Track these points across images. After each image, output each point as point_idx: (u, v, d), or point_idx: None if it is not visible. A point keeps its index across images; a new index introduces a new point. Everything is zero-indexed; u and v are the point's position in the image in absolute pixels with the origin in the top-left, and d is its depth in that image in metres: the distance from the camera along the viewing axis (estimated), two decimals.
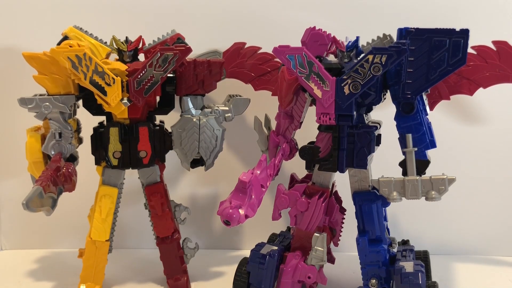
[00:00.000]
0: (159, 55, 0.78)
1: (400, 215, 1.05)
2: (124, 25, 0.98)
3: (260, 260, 0.81)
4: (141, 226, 1.02)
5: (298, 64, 0.73)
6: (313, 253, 0.80)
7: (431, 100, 0.81)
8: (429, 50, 0.72)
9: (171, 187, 0.99)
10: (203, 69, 0.83)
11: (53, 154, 0.82)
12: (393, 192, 0.77)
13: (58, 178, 0.78)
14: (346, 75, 0.72)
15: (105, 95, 0.79)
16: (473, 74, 0.80)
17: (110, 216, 0.87)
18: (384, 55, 0.70)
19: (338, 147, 0.78)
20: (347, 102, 0.73)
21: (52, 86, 0.81)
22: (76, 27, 0.85)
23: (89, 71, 0.77)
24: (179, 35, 0.87)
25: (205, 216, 1.10)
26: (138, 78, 0.80)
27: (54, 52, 0.77)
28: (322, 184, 0.82)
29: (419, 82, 0.74)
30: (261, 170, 0.74)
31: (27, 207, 0.73)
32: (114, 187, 0.87)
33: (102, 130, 0.84)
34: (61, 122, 0.82)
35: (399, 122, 0.77)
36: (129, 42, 0.84)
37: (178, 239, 0.90)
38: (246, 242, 1.11)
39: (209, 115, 0.85)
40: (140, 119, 0.84)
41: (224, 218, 0.69)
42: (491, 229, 1.06)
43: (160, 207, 0.88)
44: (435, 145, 0.77)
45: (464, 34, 0.71)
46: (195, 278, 0.95)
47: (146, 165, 0.86)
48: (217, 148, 0.86)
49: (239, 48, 0.90)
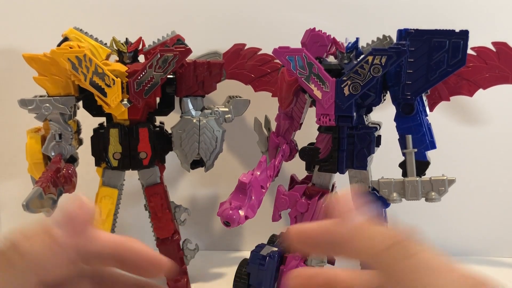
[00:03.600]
0: (159, 56, 0.78)
1: (400, 216, 1.05)
2: (124, 27, 0.98)
3: (260, 261, 0.81)
4: (141, 227, 1.02)
5: (298, 65, 0.73)
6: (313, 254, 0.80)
7: (431, 101, 0.81)
8: (429, 51, 0.72)
9: (171, 188, 0.98)
10: (203, 70, 0.83)
11: (53, 155, 0.82)
12: (393, 193, 0.77)
13: (58, 179, 0.78)
14: (346, 76, 0.72)
15: (105, 96, 0.79)
16: (472, 75, 0.80)
17: (110, 217, 0.87)
18: (384, 56, 0.70)
19: (338, 148, 0.78)
20: (347, 103, 0.73)
21: (52, 87, 0.81)
22: (76, 29, 0.85)
23: (89, 72, 0.77)
24: (179, 36, 0.87)
25: (205, 217, 1.10)
26: (138, 79, 0.80)
27: (54, 53, 0.77)
28: (322, 185, 0.82)
29: (419, 83, 0.74)
30: (261, 171, 0.74)
31: (27, 208, 0.73)
32: (114, 188, 0.87)
33: (102, 131, 0.84)
34: (61, 123, 0.82)
35: (399, 123, 0.77)
36: (129, 43, 0.84)
37: (178, 240, 0.90)
38: (246, 243, 1.10)
39: (209, 116, 0.85)
40: (140, 120, 0.84)
41: (224, 219, 0.69)
42: (491, 230, 1.06)
43: (160, 208, 0.88)
44: (435, 146, 0.77)
45: (464, 35, 0.71)
46: (195, 279, 0.95)
47: (146, 166, 0.86)
48: (217, 149, 0.86)
49: (239, 49, 0.90)
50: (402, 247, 0.32)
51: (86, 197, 0.35)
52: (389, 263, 0.32)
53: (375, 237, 0.33)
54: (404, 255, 0.32)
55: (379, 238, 0.32)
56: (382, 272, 0.32)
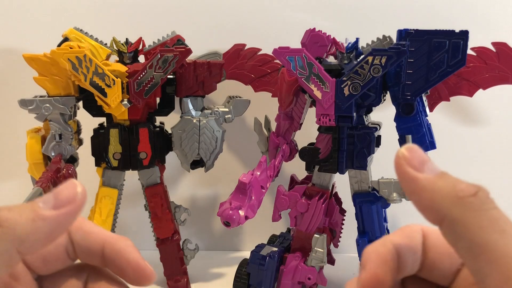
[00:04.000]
0: (159, 57, 0.79)
1: (400, 216, 1.05)
2: (124, 27, 0.98)
3: (260, 261, 0.81)
4: (141, 227, 1.02)
5: (298, 66, 0.73)
6: (313, 254, 0.80)
7: (431, 101, 0.81)
8: (429, 51, 0.72)
9: (171, 189, 0.99)
10: (203, 71, 0.84)
11: (53, 155, 0.82)
12: (393, 193, 0.77)
13: (58, 179, 0.78)
14: (346, 77, 0.72)
15: (105, 96, 0.79)
16: (472, 75, 0.80)
17: (110, 217, 0.87)
18: (384, 56, 0.70)
19: (338, 148, 0.78)
20: (347, 103, 0.73)
21: (52, 88, 0.81)
22: (76, 29, 0.85)
23: (89, 73, 0.77)
24: (179, 37, 0.87)
25: (205, 217, 1.10)
26: (138, 80, 0.80)
27: (54, 53, 0.77)
28: (322, 185, 0.82)
29: (419, 84, 0.74)
30: (261, 171, 0.74)
31: None
32: (114, 188, 0.87)
33: (102, 131, 0.84)
34: (61, 123, 0.82)
35: (399, 123, 0.77)
36: (129, 43, 0.84)
37: (178, 240, 0.90)
38: (246, 244, 1.11)
39: (209, 117, 0.85)
40: (140, 120, 0.84)
41: (224, 219, 0.69)
42: None
43: (160, 209, 0.88)
44: (435, 146, 0.77)
45: (464, 35, 0.71)
46: (195, 279, 0.95)
47: (146, 166, 0.86)
48: (217, 150, 0.86)
49: (239, 50, 0.90)
50: (481, 198, 0.32)
51: (80, 184, 0.34)
52: (464, 211, 0.32)
53: (456, 185, 0.33)
54: (481, 207, 0.32)
55: (461, 186, 0.33)
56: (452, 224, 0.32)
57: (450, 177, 0.33)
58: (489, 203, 0.32)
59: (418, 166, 0.34)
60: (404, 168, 0.34)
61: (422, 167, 0.34)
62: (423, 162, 0.34)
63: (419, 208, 0.34)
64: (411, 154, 0.34)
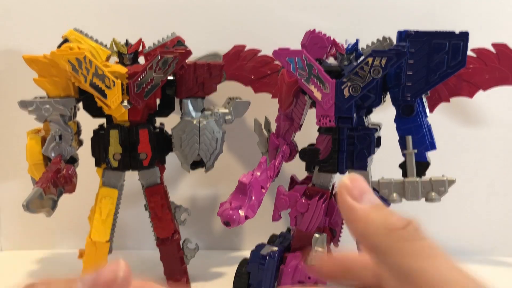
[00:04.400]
0: (159, 58, 0.79)
1: None
2: (124, 28, 0.98)
3: (260, 260, 0.81)
4: (141, 227, 1.02)
5: (298, 67, 0.73)
6: (313, 254, 0.80)
7: (431, 102, 0.81)
8: (429, 52, 0.72)
9: (171, 189, 0.99)
10: (203, 72, 0.83)
11: (53, 156, 0.82)
12: (393, 193, 0.77)
13: (58, 179, 0.78)
14: (346, 78, 0.72)
15: (105, 97, 0.79)
16: (472, 76, 0.80)
17: (110, 217, 0.88)
18: (384, 57, 0.70)
19: (338, 149, 0.78)
20: (347, 104, 0.73)
21: (52, 89, 0.81)
22: (76, 30, 0.85)
23: (89, 74, 0.77)
24: (179, 38, 0.87)
25: (205, 217, 1.10)
26: (138, 81, 0.80)
27: (54, 55, 0.77)
28: (322, 186, 0.82)
29: (419, 85, 0.74)
30: (261, 172, 0.74)
31: (28, 208, 0.73)
32: (114, 188, 0.87)
33: (102, 132, 0.84)
34: (61, 124, 0.82)
35: (399, 124, 0.77)
36: (129, 45, 0.84)
37: (178, 240, 0.90)
38: (246, 243, 1.11)
39: (209, 118, 0.85)
40: (140, 121, 0.84)
41: (224, 219, 0.69)
42: (492, 230, 1.06)
43: (160, 209, 0.88)
44: (435, 147, 0.77)
45: (464, 36, 0.72)
46: (195, 279, 0.95)
47: (146, 167, 0.86)
48: (217, 150, 0.86)
49: (239, 51, 0.90)
50: (409, 231, 0.33)
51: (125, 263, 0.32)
52: (394, 243, 0.33)
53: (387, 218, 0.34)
54: (409, 238, 0.33)
55: (392, 220, 0.34)
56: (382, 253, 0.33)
57: (383, 210, 0.35)
58: (417, 235, 0.33)
59: (357, 196, 0.35)
60: (344, 197, 0.36)
61: (361, 197, 0.35)
62: (362, 192, 0.36)
63: (354, 236, 0.35)
64: (353, 184, 0.36)
